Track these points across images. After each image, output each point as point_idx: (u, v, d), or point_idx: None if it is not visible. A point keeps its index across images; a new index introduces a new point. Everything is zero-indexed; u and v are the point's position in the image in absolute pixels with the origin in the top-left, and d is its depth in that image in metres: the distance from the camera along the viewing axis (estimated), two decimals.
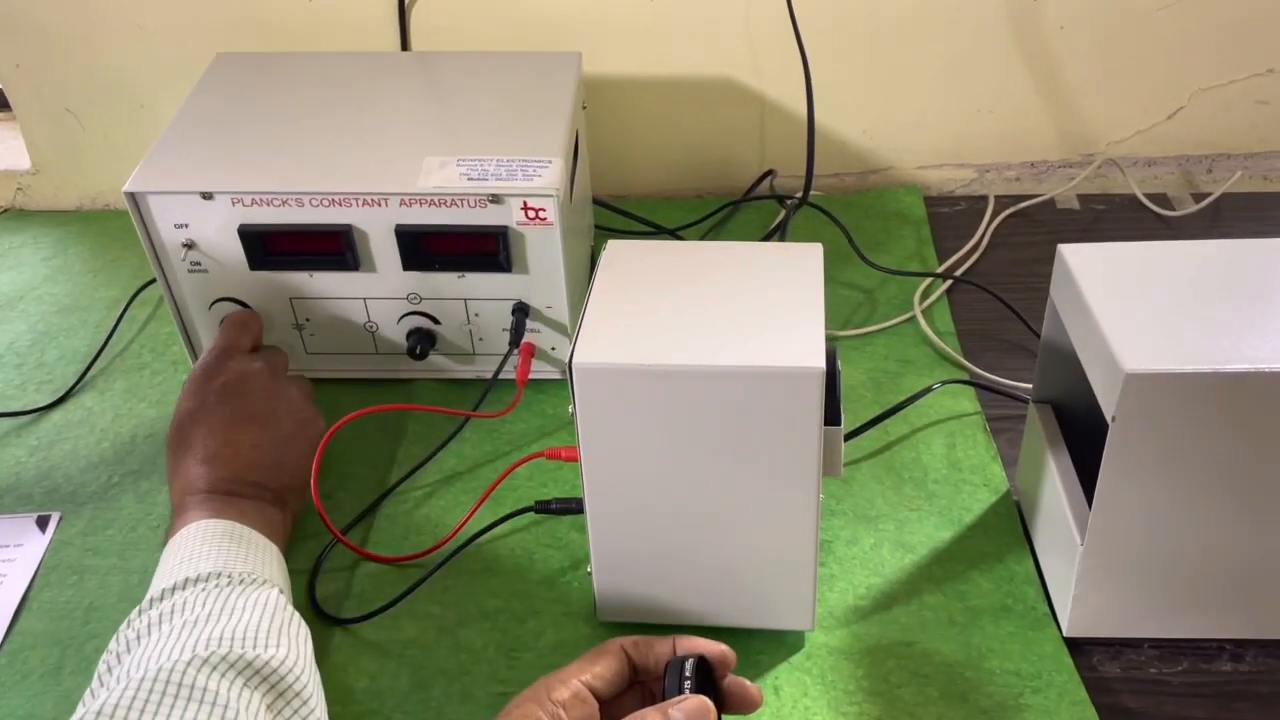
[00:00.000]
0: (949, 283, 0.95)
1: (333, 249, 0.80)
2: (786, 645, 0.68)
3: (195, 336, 0.86)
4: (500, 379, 0.83)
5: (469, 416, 0.82)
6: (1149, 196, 1.04)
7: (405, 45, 1.02)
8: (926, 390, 0.83)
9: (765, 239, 1.00)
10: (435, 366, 0.87)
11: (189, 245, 0.81)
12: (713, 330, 0.60)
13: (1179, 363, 0.56)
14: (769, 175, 1.07)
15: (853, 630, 0.69)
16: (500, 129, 0.83)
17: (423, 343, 0.84)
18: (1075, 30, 1.00)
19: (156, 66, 1.03)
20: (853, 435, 0.80)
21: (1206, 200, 1.03)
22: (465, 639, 0.69)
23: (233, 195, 0.78)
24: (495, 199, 0.77)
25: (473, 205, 0.78)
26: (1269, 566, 0.63)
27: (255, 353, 0.80)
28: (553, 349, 0.85)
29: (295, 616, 0.61)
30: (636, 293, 0.63)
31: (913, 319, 0.92)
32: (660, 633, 0.66)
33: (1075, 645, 0.67)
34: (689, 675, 0.55)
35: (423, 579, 0.72)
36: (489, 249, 0.80)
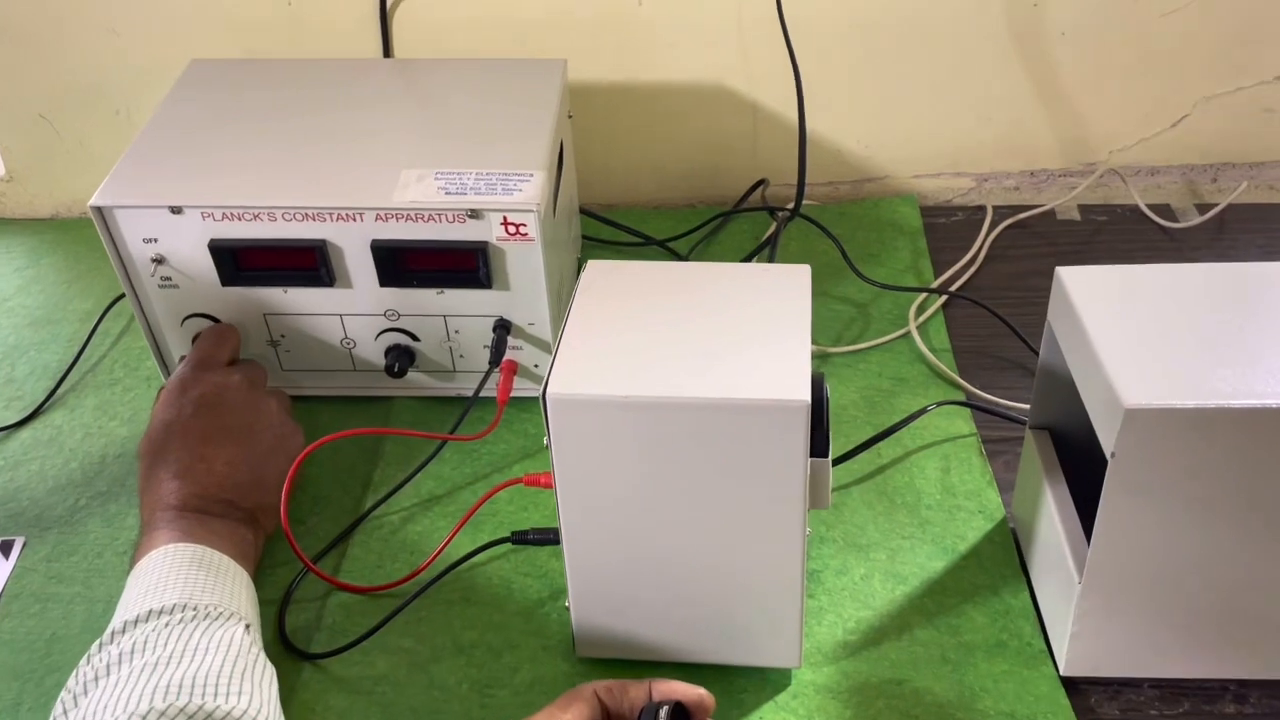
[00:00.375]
0: (945, 298, 0.93)
1: (307, 265, 0.77)
2: (772, 684, 0.65)
3: (167, 353, 0.83)
4: (482, 397, 0.81)
5: (446, 440, 0.80)
6: (1152, 207, 1.02)
7: (387, 51, 0.99)
8: (921, 412, 0.80)
9: (756, 252, 0.98)
10: (415, 384, 0.84)
11: (159, 260, 0.78)
12: (694, 359, 0.57)
13: (1182, 398, 0.53)
14: (761, 185, 1.04)
15: (841, 667, 0.66)
16: (481, 140, 0.80)
17: (401, 360, 0.82)
18: (1077, 36, 0.97)
19: (131, 72, 1.00)
20: (844, 459, 0.78)
21: (1211, 212, 1.00)
22: (438, 675, 0.66)
23: (203, 209, 0.76)
24: (474, 214, 0.75)
25: (451, 220, 0.75)
26: (1275, 605, 0.60)
27: (233, 365, 0.78)
28: (535, 366, 0.83)
29: (260, 658, 0.59)
30: (615, 318, 0.60)
31: (907, 335, 0.89)
32: (641, 670, 0.64)
33: (1072, 685, 0.64)
34: None
35: (395, 611, 0.69)
36: (468, 265, 0.77)
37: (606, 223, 1.00)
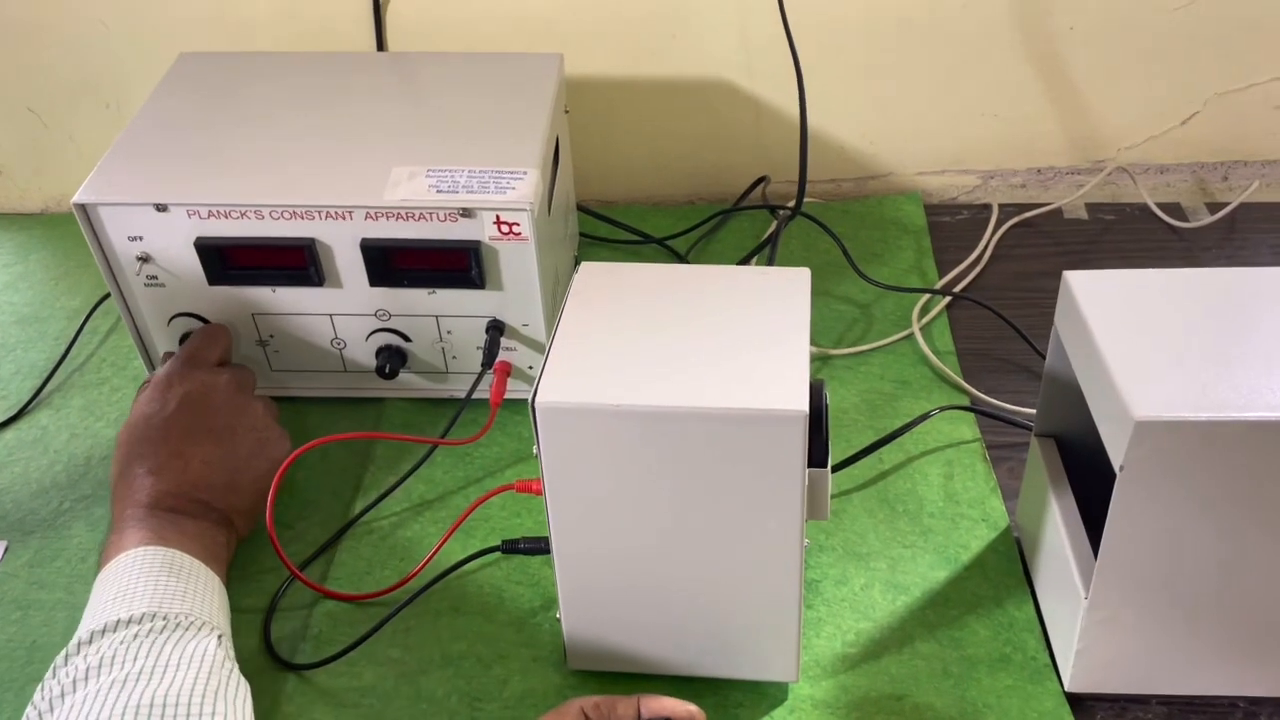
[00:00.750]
0: (949, 298, 0.91)
1: (295, 264, 0.76)
2: (768, 698, 0.63)
3: (154, 352, 0.81)
4: (475, 399, 0.79)
5: (437, 444, 0.78)
6: (1161, 206, 0.99)
7: (381, 44, 0.97)
8: (924, 417, 0.78)
9: (756, 251, 0.96)
10: (407, 385, 0.83)
11: (144, 259, 0.76)
12: (688, 366, 0.55)
13: (1194, 409, 0.51)
14: (762, 182, 1.02)
15: (840, 681, 0.64)
16: (474, 137, 0.78)
17: (393, 361, 0.80)
18: (1086, 30, 0.95)
19: (121, 64, 0.98)
20: (844, 464, 0.76)
21: (1222, 211, 0.98)
22: (426, 687, 0.65)
23: (188, 207, 0.74)
24: (466, 213, 0.73)
25: (442, 219, 0.73)
26: None
27: (223, 366, 0.76)
28: (529, 368, 0.81)
29: (234, 675, 0.57)
30: (608, 323, 0.58)
31: (910, 337, 0.88)
32: (634, 683, 0.63)
33: (1078, 701, 0.63)
34: None
35: (383, 621, 0.68)
36: (460, 265, 0.75)
37: (604, 220, 0.98)
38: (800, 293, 0.60)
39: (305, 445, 0.70)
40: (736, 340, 0.57)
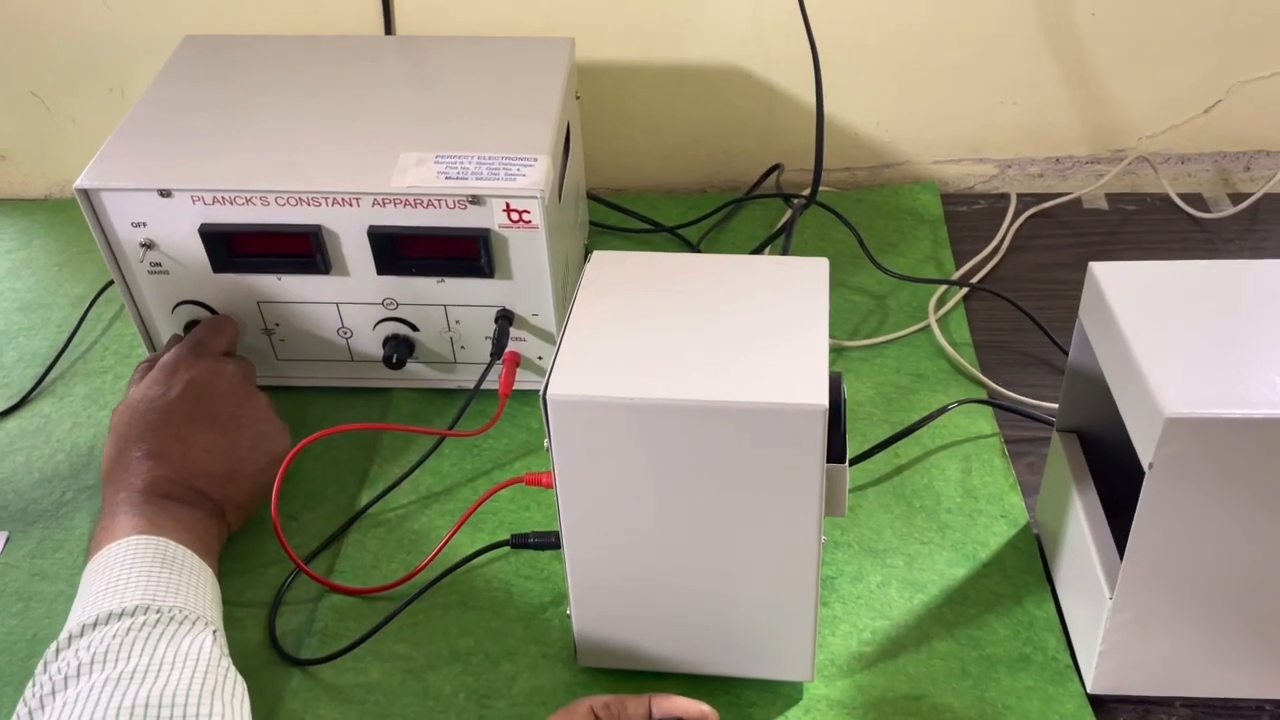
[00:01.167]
0: (966, 289, 0.89)
1: (301, 251, 0.74)
2: (782, 698, 0.62)
3: (158, 341, 0.80)
4: (484, 389, 0.77)
5: (444, 436, 0.77)
6: (1183, 196, 0.98)
7: (389, 28, 0.95)
8: (942, 410, 0.77)
9: (770, 240, 0.94)
10: (414, 375, 0.81)
11: (148, 245, 0.75)
12: (704, 358, 0.54)
13: (1227, 406, 0.50)
14: (776, 170, 1.01)
15: (856, 681, 0.63)
16: (483, 122, 0.77)
17: (400, 350, 0.78)
18: (1107, 16, 0.93)
19: (125, 48, 0.97)
20: (860, 459, 0.74)
21: (1245, 202, 0.96)
22: (434, 683, 0.64)
23: (193, 193, 0.73)
24: (475, 200, 0.71)
25: (451, 206, 0.72)
26: None
27: (228, 356, 0.75)
28: (539, 358, 0.80)
29: (230, 672, 0.56)
30: (621, 313, 0.57)
31: (927, 329, 0.86)
32: (645, 681, 0.61)
33: (1100, 703, 0.61)
34: None
35: (391, 615, 0.66)
36: (469, 253, 0.74)
37: (615, 208, 0.97)
38: (818, 283, 0.59)
39: (311, 436, 0.69)
40: (753, 332, 0.55)
